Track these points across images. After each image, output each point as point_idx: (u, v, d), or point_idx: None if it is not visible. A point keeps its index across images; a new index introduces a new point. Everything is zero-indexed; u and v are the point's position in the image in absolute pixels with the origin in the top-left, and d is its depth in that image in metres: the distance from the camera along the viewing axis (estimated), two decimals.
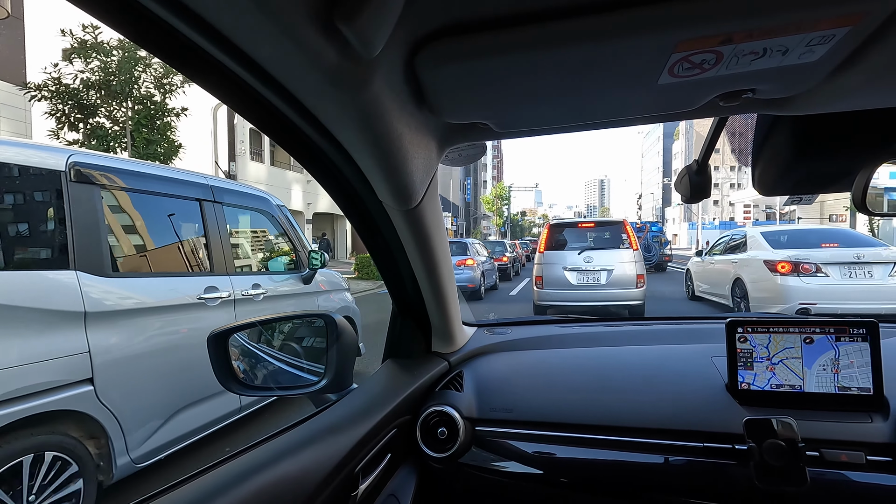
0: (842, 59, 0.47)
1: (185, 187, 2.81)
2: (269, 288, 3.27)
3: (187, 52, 0.41)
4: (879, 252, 5.51)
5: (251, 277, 3.18)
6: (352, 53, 0.40)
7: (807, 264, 5.52)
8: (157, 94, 9.94)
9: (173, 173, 2.80)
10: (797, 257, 5.63)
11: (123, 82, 9.15)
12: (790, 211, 34.35)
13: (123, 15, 0.37)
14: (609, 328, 1.32)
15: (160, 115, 9.96)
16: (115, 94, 9.26)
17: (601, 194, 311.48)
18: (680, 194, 0.88)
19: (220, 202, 3.02)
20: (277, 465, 0.60)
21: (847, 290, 5.36)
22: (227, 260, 2.97)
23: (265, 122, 0.56)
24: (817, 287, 5.43)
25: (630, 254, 6.39)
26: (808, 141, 0.74)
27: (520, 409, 0.95)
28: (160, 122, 9.98)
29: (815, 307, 5.37)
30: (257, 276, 3.28)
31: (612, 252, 6.43)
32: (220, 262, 2.91)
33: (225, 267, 2.93)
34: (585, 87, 0.53)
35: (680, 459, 0.82)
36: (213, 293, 2.75)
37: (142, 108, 9.73)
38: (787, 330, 0.86)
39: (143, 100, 9.71)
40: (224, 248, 2.97)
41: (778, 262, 5.71)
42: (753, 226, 35.23)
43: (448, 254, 0.96)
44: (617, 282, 6.32)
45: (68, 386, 1.96)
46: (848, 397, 0.83)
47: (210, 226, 2.89)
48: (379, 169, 0.64)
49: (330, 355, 0.82)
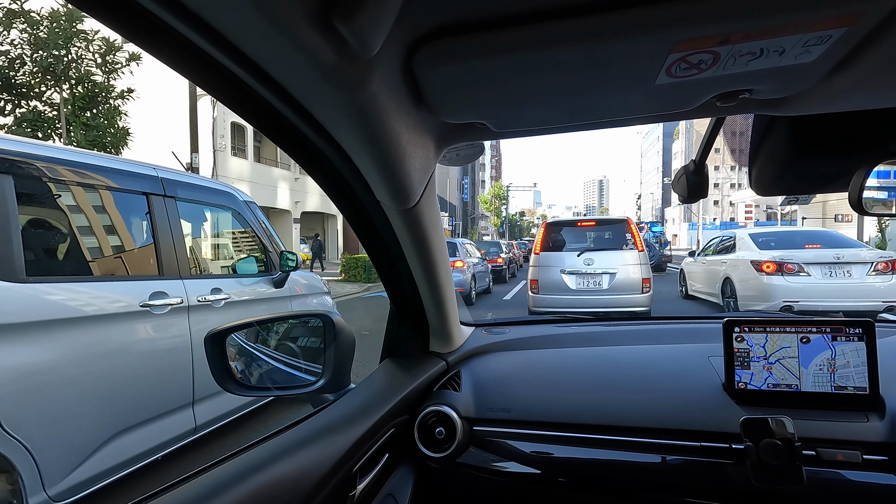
0: (838, 59, 0.47)
1: (129, 179, 2.48)
2: (232, 292, 2.94)
3: (184, 50, 0.41)
4: (858, 253, 5.95)
5: (211, 281, 2.85)
6: (349, 52, 0.40)
7: (790, 264, 5.93)
8: (100, 74, 8.73)
9: (113, 163, 2.48)
10: (781, 258, 6.03)
11: (56, 59, 8.00)
12: (791, 211, 34.45)
13: (119, 12, 0.37)
14: (607, 328, 1.33)
15: (104, 98, 8.77)
16: (48, 73, 8.11)
17: (600, 195, 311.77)
18: (677, 194, 0.89)
19: (174, 196, 2.68)
20: (275, 466, 0.60)
21: (827, 289, 5.78)
22: (180, 261, 2.63)
23: (262, 121, 0.56)
24: (800, 286, 5.85)
25: (635, 255, 5.86)
26: (805, 141, 0.75)
27: (517, 408, 0.95)
28: (104, 105, 8.79)
29: (797, 304, 5.79)
30: (219, 280, 2.94)
31: (615, 253, 5.89)
32: (171, 264, 2.58)
33: (177, 269, 2.60)
34: (583, 87, 0.54)
35: (677, 459, 0.83)
36: (160, 299, 2.43)
37: (81, 89, 8.53)
38: (783, 330, 0.87)
39: (82, 80, 8.49)
40: (177, 248, 2.62)
41: (763, 263, 6.13)
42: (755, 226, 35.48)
43: (446, 254, 0.96)
44: (620, 286, 5.77)
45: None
46: (844, 397, 0.84)
47: (160, 223, 2.56)
48: (376, 168, 0.64)
49: (328, 355, 0.82)
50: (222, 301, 2.84)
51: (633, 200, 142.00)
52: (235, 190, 3.43)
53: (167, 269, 2.56)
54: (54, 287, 2.01)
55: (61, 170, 2.17)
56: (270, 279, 3.37)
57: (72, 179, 2.22)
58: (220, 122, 16.74)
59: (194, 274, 2.80)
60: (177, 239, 2.64)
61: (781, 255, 6.09)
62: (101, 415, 2.08)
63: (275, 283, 3.38)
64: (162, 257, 2.55)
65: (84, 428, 2.01)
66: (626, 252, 5.91)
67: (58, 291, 2.02)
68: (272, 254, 3.46)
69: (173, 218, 2.65)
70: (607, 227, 6.32)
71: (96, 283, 2.27)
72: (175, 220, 2.67)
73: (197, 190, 2.97)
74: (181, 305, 2.55)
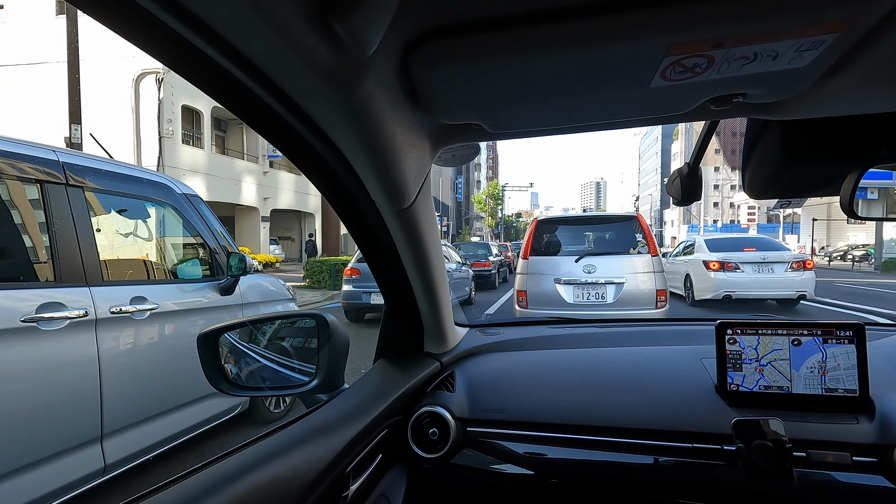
0: (830, 64, 0.49)
1: (13, 161, 2.06)
2: (162, 301, 2.57)
3: (179, 47, 0.42)
4: (781, 254, 8.26)
5: (133, 288, 2.46)
6: (345, 52, 0.41)
7: (730, 263, 8.22)
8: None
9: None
10: (724, 258, 8.30)
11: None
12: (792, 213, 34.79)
13: (113, 9, 0.37)
14: (600, 329, 1.35)
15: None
16: None
17: (597, 196, 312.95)
18: (671, 197, 0.91)
19: (80, 186, 2.25)
20: (266, 467, 0.61)
21: (756, 282, 8.10)
22: (87, 264, 2.20)
23: (257, 120, 0.57)
24: (736, 279, 8.17)
25: (647, 261, 4.78)
26: (797, 146, 0.77)
27: (511, 409, 0.97)
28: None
29: (734, 294, 8.12)
30: (145, 286, 2.55)
31: (623, 259, 4.82)
32: (73, 268, 2.15)
33: (83, 274, 2.18)
34: (579, 89, 0.55)
35: (669, 460, 0.85)
36: (53, 312, 2.00)
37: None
38: (775, 332, 0.89)
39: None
40: (83, 249, 2.19)
41: (710, 262, 8.42)
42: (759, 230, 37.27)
43: (441, 254, 0.98)
44: (629, 300, 4.70)
45: None
46: (834, 399, 0.86)
47: (58, 217, 2.12)
48: (372, 168, 0.65)
49: (321, 355, 0.84)
50: (147, 312, 2.46)
51: (632, 202, 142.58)
52: (172, 181, 3.00)
53: (68, 275, 2.12)
54: None
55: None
56: (216, 285, 3.00)
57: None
58: (168, 105, 14.59)
59: (109, 280, 2.37)
60: (83, 237, 2.20)
61: (724, 257, 8.31)
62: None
63: (222, 290, 3.02)
64: (60, 259, 2.10)
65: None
66: (635, 257, 4.83)
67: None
68: (219, 256, 3.07)
69: (79, 212, 2.21)
70: (612, 225, 5.20)
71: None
72: (82, 214, 2.22)
73: (117, 179, 2.51)
74: (85, 319, 2.12)
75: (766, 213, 47.30)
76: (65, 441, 2.03)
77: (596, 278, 4.83)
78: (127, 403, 2.33)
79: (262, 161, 20.03)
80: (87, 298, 2.17)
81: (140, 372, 2.44)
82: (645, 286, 4.75)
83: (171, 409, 2.60)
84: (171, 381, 2.62)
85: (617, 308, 4.76)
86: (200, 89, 0.49)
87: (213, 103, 16.40)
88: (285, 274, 15.37)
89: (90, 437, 2.13)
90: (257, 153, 20.27)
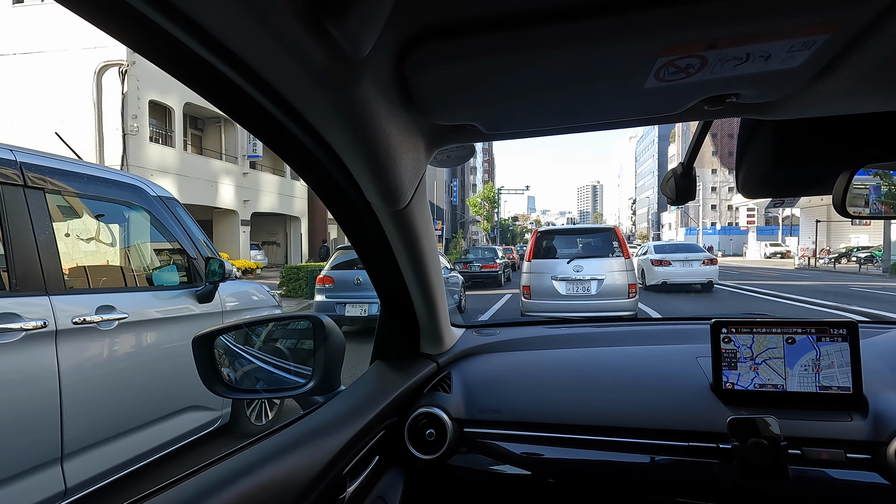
0: (822, 65, 0.51)
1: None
2: (131, 311, 2.47)
3: (173, 49, 0.43)
4: (698, 255, 13.06)
5: (100, 296, 2.38)
6: (340, 53, 0.42)
7: (666, 260, 12.97)
8: None
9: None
10: (662, 257, 13.09)
11: None
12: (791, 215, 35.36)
13: (107, 11, 0.38)
14: (596, 329, 1.38)
15: None
16: None
17: (594, 200, 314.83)
18: (666, 197, 0.95)
19: (40, 188, 2.18)
20: (263, 470, 0.62)
21: (681, 272, 12.79)
22: (47, 271, 2.12)
23: (252, 121, 0.58)
24: (670, 272, 12.85)
25: (621, 262, 6.63)
26: (790, 145, 0.80)
27: (508, 410, 1.00)
28: None
29: (668, 280, 12.75)
30: (114, 295, 2.46)
31: (603, 261, 6.63)
32: (31, 275, 2.06)
33: (42, 282, 2.10)
34: (573, 90, 0.57)
35: (665, 459, 0.88)
36: (6, 323, 1.92)
37: None
38: (770, 330, 0.93)
39: None
40: (42, 255, 2.11)
41: (654, 259, 13.20)
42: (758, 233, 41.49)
43: (437, 255, 1.00)
44: (607, 292, 6.50)
45: None
46: (828, 396, 0.90)
47: (15, 221, 2.04)
48: (367, 169, 0.66)
49: (317, 357, 0.86)
50: (115, 321, 2.36)
51: (628, 205, 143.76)
52: (146, 182, 2.93)
53: (25, 283, 2.04)
54: None
55: None
56: (193, 292, 2.94)
57: None
58: (133, 100, 13.95)
59: (74, 288, 2.28)
60: (43, 242, 2.13)
61: (662, 256, 13.14)
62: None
63: (199, 297, 2.95)
64: (16, 265, 2.02)
65: None
66: (612, 259, 6.67)
67: None
68: (197, 262, 3.01)
69: (39, 215, 2.13)
70: (595, 234, 7.11)
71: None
72: (42, 217, 2.15)
73: (84, 181, 2.45)
74: (43, 330, 2.04)
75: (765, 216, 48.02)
76: (20, 463, 1.95)
77: (583, 275, 6.60)
78: (92, 421, 2.24)
79: (241, 161, 19.27)
80: (47, 308, 2.09)
81: (107, 386, 2.33)
82: (619, 281, 6.56)
83: (144, 425, 2.50)
84: (142, 395, 2.52)
85: (598, 298, 6.55)
86: (195, 91, 0.51)
87: (185, 99, 15.89)
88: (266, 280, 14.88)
89: (49, 458, 2.04)
90: (236, 153, 19.45)
